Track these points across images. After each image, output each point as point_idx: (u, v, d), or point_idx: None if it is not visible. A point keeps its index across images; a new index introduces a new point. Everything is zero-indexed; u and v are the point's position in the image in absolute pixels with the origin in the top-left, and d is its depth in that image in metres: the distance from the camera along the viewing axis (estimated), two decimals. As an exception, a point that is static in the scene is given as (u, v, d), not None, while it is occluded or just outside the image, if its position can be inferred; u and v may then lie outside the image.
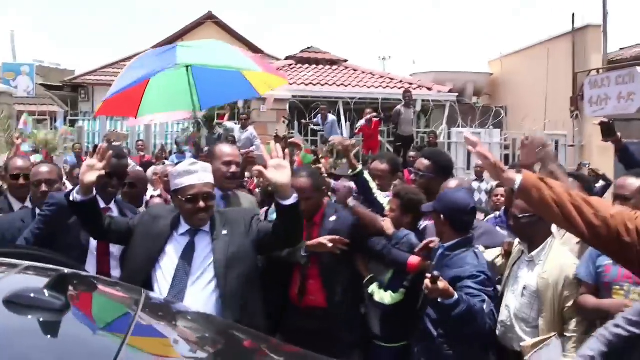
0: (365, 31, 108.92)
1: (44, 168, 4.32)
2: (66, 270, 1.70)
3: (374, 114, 15.66)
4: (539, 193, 2.60)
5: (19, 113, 16.19)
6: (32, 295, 1.59)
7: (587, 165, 11.63)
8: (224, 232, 3.49)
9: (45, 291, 1.59)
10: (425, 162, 4.84)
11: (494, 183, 8.98)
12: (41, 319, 1.56)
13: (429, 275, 3.34)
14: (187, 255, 3.40)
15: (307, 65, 20.62)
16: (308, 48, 21.94)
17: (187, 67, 5.99)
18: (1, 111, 14.18)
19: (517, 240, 4.08)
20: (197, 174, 3.45)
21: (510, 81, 21.63)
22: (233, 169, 4.26)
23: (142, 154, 13.51)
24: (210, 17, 27.24)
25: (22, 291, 1.61)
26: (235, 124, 15.65)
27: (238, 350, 2.13)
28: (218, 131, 15.10)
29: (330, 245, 4.04)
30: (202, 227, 3.50)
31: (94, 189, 3.40)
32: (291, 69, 19.98)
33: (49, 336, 1.59)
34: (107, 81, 22.68)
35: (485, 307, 3.52)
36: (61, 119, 15.81)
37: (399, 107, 15.68)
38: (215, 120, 15.35)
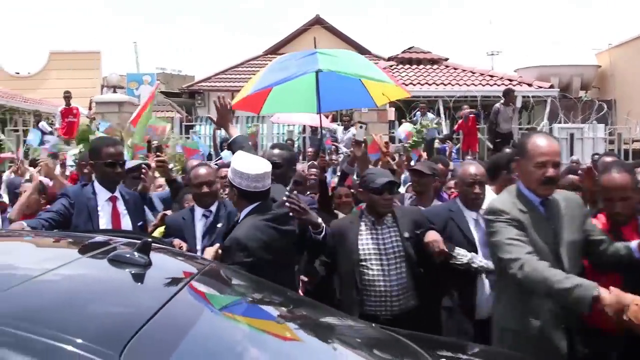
0: (473, 26, 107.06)
1: (204, 170, 4.68)
2: (149, 239, 2.44)
3: (469, 110, 15.96)
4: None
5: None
6: (127, 255, 2.35)
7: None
8: None
9: (135, 253, 2.34)
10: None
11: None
12: (132, 271, 2.31)
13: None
14: None
15: (408, 66, 21.11)
16: (410, 48, 22.39)
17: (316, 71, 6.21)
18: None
19: None
20: None
21: (619, 73, 21.17)
22: (550, 172, 3.32)
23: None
24: (318, 22, 28.03)
25: (120, 252, 2.37)
26: (338, 124, 16.29)
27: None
28: (320, 132, 15.81)
29: None
30: None
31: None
32: (392, 69, 20.50)
33: (138, 283, 2.34)
34: (221, 87, 24.04)
35: None
36: (177, 125, 17.10)
37: (497, 104, 15.85)
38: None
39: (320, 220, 4.06)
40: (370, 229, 4.33)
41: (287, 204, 3.84)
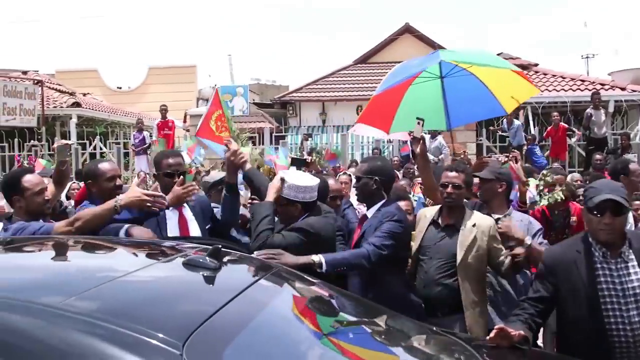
0: (568, 29, 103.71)
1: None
2: (220, 245, 2.75)
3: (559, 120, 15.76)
4: None
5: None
6: (200, 260, 2.67)
7: None
8: None
9: (207, 258, 2.65)
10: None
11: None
12: (203, 274, 2.62)
13: None
14: None
15: (497, 72, 20.86)
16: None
17: (442, 84, 6.38)
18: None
19: None
20: None
21: None
22: None
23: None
24: (408, 30, 28.00)
25: (194, 257, 2.70)
26: (425, 133, 16.30)
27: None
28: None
29: None
30: None
31: None
32: (481, 76, 20.29)
33: (207, 284, 2.66)
34: (312, 97, 24.59)
35: None
36: (267, 135, 17.66)
37: (588, 110, 15.51)
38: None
39: (304, 259, 3.77)
40: (602, 262, 3.43)
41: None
